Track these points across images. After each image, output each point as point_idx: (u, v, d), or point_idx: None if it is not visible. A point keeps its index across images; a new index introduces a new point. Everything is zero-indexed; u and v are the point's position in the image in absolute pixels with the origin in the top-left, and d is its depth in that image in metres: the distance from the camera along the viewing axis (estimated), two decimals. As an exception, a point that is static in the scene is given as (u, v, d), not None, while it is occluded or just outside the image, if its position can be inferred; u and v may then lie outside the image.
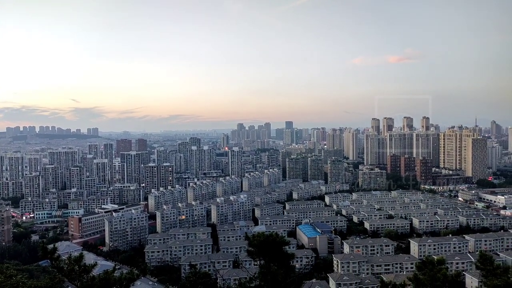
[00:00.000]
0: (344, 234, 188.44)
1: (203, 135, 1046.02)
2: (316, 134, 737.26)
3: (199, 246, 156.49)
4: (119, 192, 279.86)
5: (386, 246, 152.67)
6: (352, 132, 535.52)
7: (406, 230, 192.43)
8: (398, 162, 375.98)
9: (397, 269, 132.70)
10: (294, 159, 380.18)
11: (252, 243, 22.27)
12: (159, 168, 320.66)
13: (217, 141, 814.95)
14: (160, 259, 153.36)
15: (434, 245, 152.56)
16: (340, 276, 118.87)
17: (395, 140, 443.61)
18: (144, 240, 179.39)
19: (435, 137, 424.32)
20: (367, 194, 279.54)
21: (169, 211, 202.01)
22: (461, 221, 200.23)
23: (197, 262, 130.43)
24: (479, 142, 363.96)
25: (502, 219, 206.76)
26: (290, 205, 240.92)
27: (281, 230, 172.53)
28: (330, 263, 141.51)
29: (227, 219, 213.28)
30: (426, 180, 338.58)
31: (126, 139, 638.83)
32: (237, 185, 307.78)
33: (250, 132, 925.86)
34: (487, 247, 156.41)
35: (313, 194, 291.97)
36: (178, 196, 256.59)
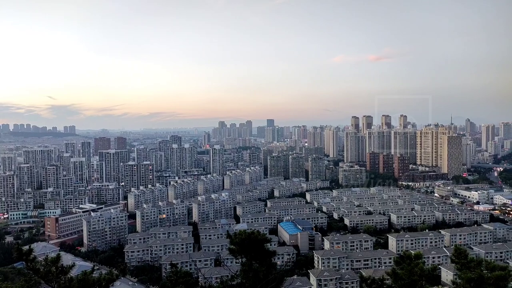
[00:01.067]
0: (324, 230, 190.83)
1: (184, 133, 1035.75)
2: (297, 132, 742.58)
3: (180, 245, 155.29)
4: (97, 191, 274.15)
5: (365, 242, 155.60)
6: (332, 130, 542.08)
7: (384, 226, 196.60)
8: (377, 160, 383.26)
9: (376, 264, 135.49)
10: (276, 157, 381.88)
11: (234, 241, 22.25)
12: (139, 166, 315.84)
13: (198, 139, 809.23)
14: (140, 259, 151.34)
15: (411, 240, 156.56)
16: (321, 272, 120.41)
17: (374, 138, 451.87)
18: (124, 239, 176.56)
19: (412, 135, 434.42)
20: (347, 191, 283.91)
21: (150, 210, 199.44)
22: (437, 217, 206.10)
23: (178, 261, 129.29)
24: (454, 139, 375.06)
25: (476, 214, 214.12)
26: (271, 202, 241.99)
27: (262, 227, 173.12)
28: (311, 259, 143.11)
29: (209, 218, 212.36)
30: (403, 176, 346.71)
31: (105, 137, 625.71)
32: (218, 183, 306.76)
33: (232, 130, 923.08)
34: (462, 241, 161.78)
35: (294, 192, 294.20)
36: (158, 195, 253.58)
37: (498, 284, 22.71)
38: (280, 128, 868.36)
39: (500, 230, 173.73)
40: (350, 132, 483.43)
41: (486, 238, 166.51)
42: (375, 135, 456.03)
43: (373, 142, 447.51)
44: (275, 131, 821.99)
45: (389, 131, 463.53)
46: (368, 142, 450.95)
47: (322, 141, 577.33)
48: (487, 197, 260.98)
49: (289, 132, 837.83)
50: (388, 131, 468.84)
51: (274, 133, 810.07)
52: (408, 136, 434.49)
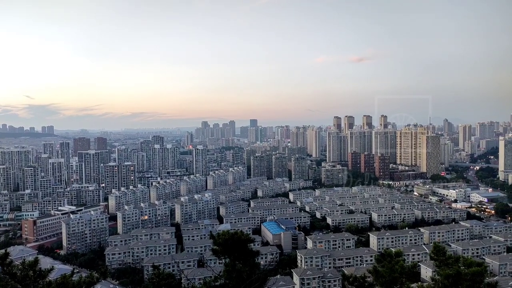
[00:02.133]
0: (307, 230, 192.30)
1: (166, 133, 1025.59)
2: (280, 132, 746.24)
3: (163, 246, 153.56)
4: (77, 193, 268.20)
5: (347, 240, 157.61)
6: (315, 130, 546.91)
7: (365, 224, 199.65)
8: (358, 159, 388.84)
9: (358, 262, 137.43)
10: (259, 157, 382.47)
11: (217, 242, 22.17)
12: (120, 167, 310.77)
13: (181, 140, 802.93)
14: (121, 261, 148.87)
15: (391, 238, 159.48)
16: (304, 271, 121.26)
17: (355, 138, 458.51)
18: (105, 242, 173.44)
19: (392, 135, 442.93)
20: (330, 191, 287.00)
21: (131, 211, 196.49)
22: (417, 215, 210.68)
23: (160, 262, 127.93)
24: (432, 139, 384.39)
25: (454, 211, 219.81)
26: (255, 202, 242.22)
27: (246, 227, 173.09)
28: (294, 258, 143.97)
29: (192, 218, 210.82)
30: (384, 176, 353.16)
31: (84, 138, 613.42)
32: (201, 183, 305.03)
33: (215, 130, 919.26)
34: (440, 238, 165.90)
35: (277, 192, 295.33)
36: (140, 196, 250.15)
37: (475, 280, 23.40)
38: (263, 128, 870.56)
39: (476, 227, 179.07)
40: (332, 132, 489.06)
41: (463, 235, 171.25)
42: (356, 135, 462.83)
43: (355, 142, 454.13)
44: (258, 131, 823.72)
45: (370, 131, 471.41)
46: (350, 142, 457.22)
47: (305, 141, 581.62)
48: (464, 195, 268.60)
49: (272, 132, 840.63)
50: (369, 131, 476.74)
51: (257, 133, 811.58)
52: (389, 136, 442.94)
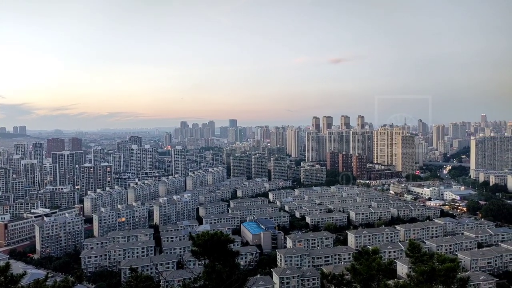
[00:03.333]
0: (287, 229, 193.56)
1: (144, 133, 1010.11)
2: (260, 132, 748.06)
3: (141, 248, 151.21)
4: (51, 195, 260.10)
5: (326, 239, 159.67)
6: (294, 130, 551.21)
7: (344, 223, 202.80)
8: (336, 159, 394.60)
9: (336, 260, 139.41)
10: (238, 157, 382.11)
11: (196, 243, 22.05)
12: (96, 168, 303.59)
13: (160, 140, 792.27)
14: (98, 264, 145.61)
15: (369, 236, 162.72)
16: (283, 270, 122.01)
17: (333, 138, 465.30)
18: (80, 245, 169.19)
19: (369, 135, 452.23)
20: (309, 190, 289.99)
21: (107, 213, 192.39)
22: (393, 213, 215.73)
23: (138, 265, 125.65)
24: (407, 139, 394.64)
25: (428, 209, 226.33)
26: (234, 203, 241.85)
27: (225, 228, 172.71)
28: (274, 258, 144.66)
29: (171, 220, 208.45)
30: (361, 175, 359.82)
31: (58, 138, 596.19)
32: (180, 184, 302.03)
33: (194, 131, 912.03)
34: (415, 235, 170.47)
35: (257, 192, 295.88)
36: (117, 198, 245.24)
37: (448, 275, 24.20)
38: (243, 128, 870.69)
39: (449, 224, 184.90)
40: (311, 132, 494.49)
41: (437, 232, 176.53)
42: (335, 135, 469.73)
43: (333, 142, 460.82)
44: (238, 131, 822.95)
45: (348, 131, 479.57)
46: (328, 142, 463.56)
47: (284, 141, 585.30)
48: (437, 193, 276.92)
49: (252, 132, 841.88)
50: (347, 131, 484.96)
51: (237, 133, 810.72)
52: (366, 136, 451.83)
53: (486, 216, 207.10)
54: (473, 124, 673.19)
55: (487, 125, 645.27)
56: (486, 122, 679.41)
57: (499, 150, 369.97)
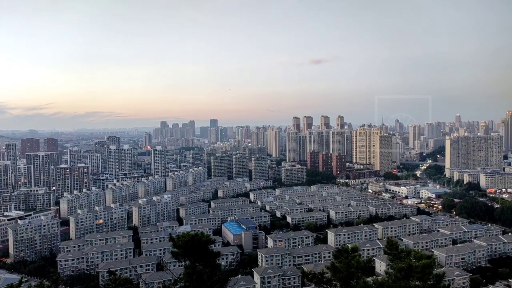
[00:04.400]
0: (268, 229, 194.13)
1: (123, 133, 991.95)
2: (241, 132, 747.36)
3: (119, 250, 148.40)
4: (25, 197, 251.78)
5: (307, 238, 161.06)
6: (275, 130, 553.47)
7: (324, 222, 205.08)
8: (317, 158, 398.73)
9: (317, 258, 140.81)
10: (219, 157, 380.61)
11: (177, 244, 21.83)
12: (72, 169, 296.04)
13: (139, 140, 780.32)
14: (75, 268, 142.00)
15: (348, 234, 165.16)
16: (264, 269, 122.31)
17: (314, 138, 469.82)
18: (56, 248, 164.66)
19: (348, 135, 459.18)
20: (289, 190, 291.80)
21: (85, 215, 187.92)
22: (371, 211, 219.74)
23: (116, 267, 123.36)
24: (385, 139, 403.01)
25: (405, 207, 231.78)
26: (215, 203, 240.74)
27: (206, 228, 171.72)
28: (255, 258, 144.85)
29: (150, 221, 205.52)
30: (341, 174, 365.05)
31: (33, 139, 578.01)
32: (160, 185, 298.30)
33: (174, 131, 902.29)
34: (393, 233, 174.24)
35: (238, 192, 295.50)
36: (95, 199, 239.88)
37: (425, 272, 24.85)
38: (224, 128, 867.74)
39: (425, 222, 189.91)
40: (291, 132, 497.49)
41: (413, 229, 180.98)
42: (315, 135, 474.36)
43: (313, 142, 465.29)
44: (219, 131, 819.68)
45: (328, 131, 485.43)
46: (309, 142, 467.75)
47: (265, 141, 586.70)
48: (414, 192, 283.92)
49: (233, 132, 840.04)
50: (327, 131, 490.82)
51: (218, 133, 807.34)
52: (345, 136, 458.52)
53: (460, 213, 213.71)
54: (448, 124, 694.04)
55: (461, 125, 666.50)
56: (460, 122, 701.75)
57: (472, 150, 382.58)
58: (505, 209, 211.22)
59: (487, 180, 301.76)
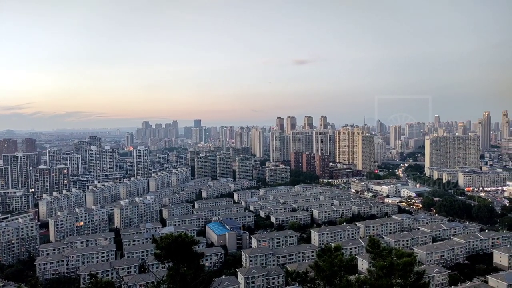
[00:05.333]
0: (252, 229, 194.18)
1: (104, 133, 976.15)
2: (225, 132, 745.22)
3: (100, 253, 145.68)
4: (2, 199, 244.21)
5: (290, 238, 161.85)
6: (258, 131, 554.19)
7: (307, 221, 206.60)
8: (300, 158, 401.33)
9: (300, 258, 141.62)
10: (203, 158, 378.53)
11: (160, 246, 21.60)
12: (51, 170, 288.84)
13: (121, 140, 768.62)
14: (54, 271, 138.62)
15: (331, 233, 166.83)
16: (248, 270, 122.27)
17: (297, 138, 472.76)
18: (35, 251, 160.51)
19: (331, 135, 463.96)
20: (273, 190, 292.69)
21: (64, 217, 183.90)
22: (354, 210, 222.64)
23: (98, 270, 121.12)
24: (367, 139, 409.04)
25: (386, 206, 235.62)
26: (199, 204, 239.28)
27: (190, 229, 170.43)
28: (239, 258, 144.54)
29: (133, 222, 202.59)
30: (324, 174, 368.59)
31: (10, 139, 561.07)
32: (143, 186, 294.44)
33: (157, 131, 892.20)
34: (375, 231, 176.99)
35: (222, 192, 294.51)
36: (75, 201, 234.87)
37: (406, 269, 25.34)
38: (207, 128, 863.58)
39: (406, 220, 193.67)
40: (275, 132, 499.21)
41: (395, 228, 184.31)
42: (298, 135, 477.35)
43: (297, 142, 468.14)
44: (202, 131, 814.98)
45: (311, 132, 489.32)
46: (292, 142, 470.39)
47: (249, 141, 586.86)
48: (395, 191, 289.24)
49: (216, 132, 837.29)
50: (310, 131, 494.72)
51: (201, 133, 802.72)
52: (328, 136, 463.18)
53: (440, 211, 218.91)
54: (428, 125, 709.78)
55: (440, 126, 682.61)
56: (439, 123, 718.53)
57: (451, 149, 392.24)
58: (481, 207, 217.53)
59: (465, 179, 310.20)
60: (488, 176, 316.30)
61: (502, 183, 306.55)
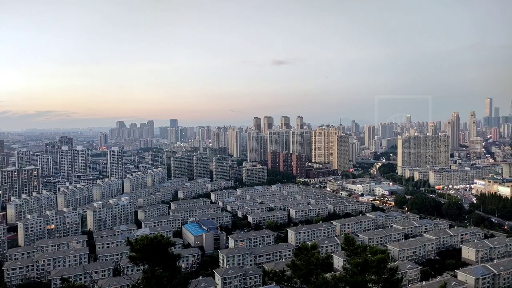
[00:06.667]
0: (229, 229, 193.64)
1: (76, 133, 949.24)
2: (201, 132, 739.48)
3: (73, 256, 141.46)
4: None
5: (268, 237, 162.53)
6: (236, 130, 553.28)
7: (284, 221, 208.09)
8: (277, 158, 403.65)
9: (277, 257, 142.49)
10: (179, 158, 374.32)
11: (135, 248, 21.23)
12: (20, 172, 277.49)
13: (94, 141, 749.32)
14: (24, 276, 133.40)
15: (308, 232, 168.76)
16: (226, 270, 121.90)
17: (274, 138, 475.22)
18: (3, 256, 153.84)
19: (308, 135, 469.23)
20: (250, 189, 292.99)
21: (34, 220, 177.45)
22: (329, 209, 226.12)
23: (70, 274, 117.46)
24: (342, 139, 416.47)
25: (361, 204, 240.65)
26: (175, 204, 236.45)
27: (166, 231, 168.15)
28: (216, 259, 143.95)
29: (106, 225, 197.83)
30: (301, 173, 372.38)
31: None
32: (117, 187, 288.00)
33: (132, 131, 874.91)
34: (350, 229, 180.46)
35: (199, 192, 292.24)
36: (46, 203, 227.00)
37: (380, 266, 25.97)
38: (184, 128, 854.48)
39: (380, 218, 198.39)
40: (252, 132, 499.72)
41: (369, 225, 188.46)
42: (275, 135, 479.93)
43: (274, 142, 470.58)
44: (179, 131, 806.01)
45: (288, 131, 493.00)
46: (269, 141, 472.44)
47: (226, 141, 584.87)
48: (369, 189, 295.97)
49: (193, 132, 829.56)
50: (287, 131, 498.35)
51: (178, 133, 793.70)
52: (305, 136, 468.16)
53: (412, 209, 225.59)
54: (400, 125, 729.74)
55: (412, 126, 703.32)
56: (411, 123, 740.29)
57: (422, 148, 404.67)
58: (451, 205, 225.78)
59: (436, 177, 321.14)
60: (457, 175, 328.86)
61: (470, 181, 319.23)
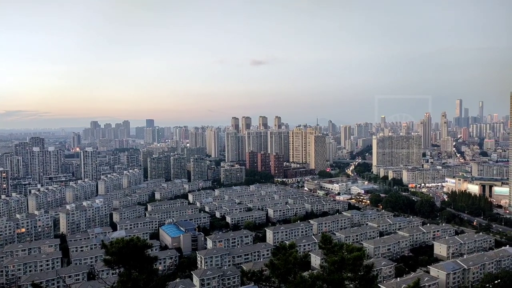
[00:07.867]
0: (207, 230, 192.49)
1: (47, 134, 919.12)
2: (179, 133, 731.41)
3: (45, 261, 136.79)
4: None
5: (246, 237, 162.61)
6: (213, 131, 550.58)
7: (262, 220, 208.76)
8: (255, 158, 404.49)
9: (256, 257, 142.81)
10: (156, 159, 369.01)
11: (110, 251, 20.74)
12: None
13: (66, 141, 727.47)
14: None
15: (286, 232, 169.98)
16: (204, 271, 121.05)
17: (252, 138, 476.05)
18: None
19: (285, 135, 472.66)
20: (229, 190, 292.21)
21: (3, 224, 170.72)
22: (307, 208, 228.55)
23: (42, 279, 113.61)
24: (319, 139, 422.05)
25: (337, 203, 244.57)
26: (152, 206, 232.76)
27: (142, 233, 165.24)
28: (194, 260, 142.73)
29: (80, 228, 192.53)
30: (279, 173, 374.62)
31: None
32: (91, 189, 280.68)
33: (107, 131, 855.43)
34: (327, 228, 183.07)
35: (176, 193, 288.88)
36: (15, 206, 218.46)
37: (356, 263, 26.46)
38: (161, 128, 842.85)
39: (356, 216, 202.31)
40: (230, 132, 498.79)
41: (345, 224, 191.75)
42: (253, 135, 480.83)
43: (252, 142, 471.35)
44: (155, 131, 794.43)
45: (266, 132, 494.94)
46: (247, 142, 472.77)
47: (204, 142, 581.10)
48: (345, 188, 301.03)
49: (170, 132, 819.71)
50: (265, 131, 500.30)
51: (154, 133, 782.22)
52: (282, 136, 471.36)
53: (386, 207, 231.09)
54: (375, 125, 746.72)
55: (386, 126, 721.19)
56: (385, 123, 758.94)
57: (395, 148, 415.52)
58: (423, 202, 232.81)
59: (409, 176, 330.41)
60: (429, 173, 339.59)
61: (441, 179, 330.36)
